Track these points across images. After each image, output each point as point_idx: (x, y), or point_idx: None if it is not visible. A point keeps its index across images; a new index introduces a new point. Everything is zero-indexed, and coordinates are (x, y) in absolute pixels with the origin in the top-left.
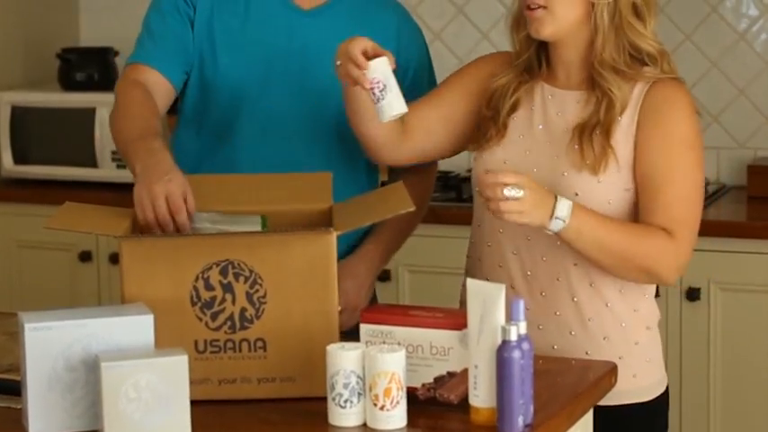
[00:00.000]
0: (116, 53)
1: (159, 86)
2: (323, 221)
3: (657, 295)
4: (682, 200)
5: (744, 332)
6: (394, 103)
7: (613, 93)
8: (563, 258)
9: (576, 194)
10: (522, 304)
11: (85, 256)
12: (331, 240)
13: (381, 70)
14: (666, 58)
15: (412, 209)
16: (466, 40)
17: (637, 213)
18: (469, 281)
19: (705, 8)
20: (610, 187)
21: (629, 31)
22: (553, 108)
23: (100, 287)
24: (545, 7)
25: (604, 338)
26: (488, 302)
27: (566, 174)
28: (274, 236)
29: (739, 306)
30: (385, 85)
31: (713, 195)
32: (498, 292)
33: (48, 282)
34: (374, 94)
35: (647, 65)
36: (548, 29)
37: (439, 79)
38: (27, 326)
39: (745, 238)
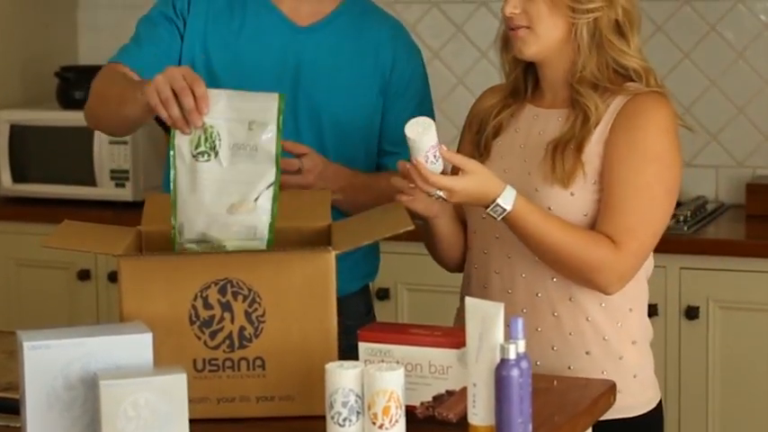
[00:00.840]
0: None
1: None
2: (322, 240)
3: (656, 314)
4: (634, 211)
5: (743, 351)
6: (440, 164)
7: (589, 108)
8: (542, 274)
9: (550, 208)
10: (520, 323)
11: (84, 275)
12: (330, 259)
13: (434, 135)
14: (652, 73)
15: (411, 227)
16: (465, 59)
17: None
18: (468, 299)
19: (704, 27)
20: (584, 200)
21: (611, 49)
22: (537, 128)
23: (98, 306)
24: (528, 27)
25: (587, 353)
26: (487, 321)
27: (538, 189)
28: (273, 254)
29: (738, 325)
30: (439, 148)
31: (712, 214)
32: (497, 311)
33: (46, 300)
34: (435, 156)
35: (633, 80)
36: (531, 48)
37: (435, 97)
38: (26, 344)
39: (744, 257)
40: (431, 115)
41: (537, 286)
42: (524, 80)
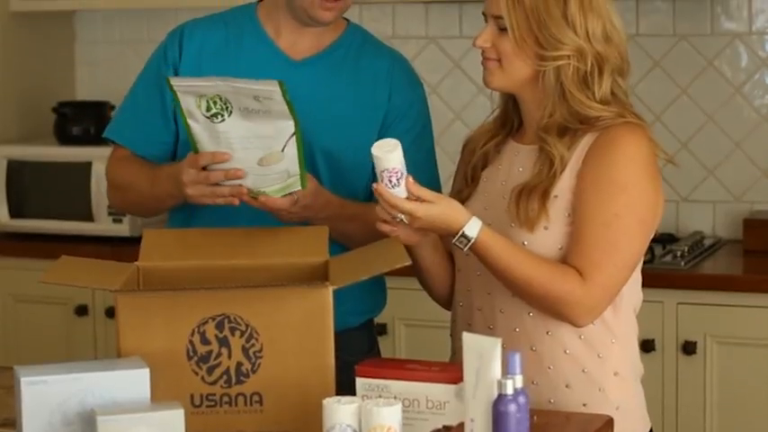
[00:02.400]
0: (112, 107)
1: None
2: (319, 275)
3: (653, 349)
4: (602, 243)
5: (740, 386)
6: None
7: (554, 156)
8: (519, 309)
9: (524, 244)
10: (518, 358)
11: (81, 311)
12: (327, 294)
13: (399, 159)
14: (625, 111)
15: (408, 262)
16: (462, 94)
17: None
18: (465, 334)
19: (701, 62)
20: (559, 234)
21: (572, 100)
22: (517, 165)
23: (96, 341)
24: (498, 60)
25: (566, 386)
26: (484, 356)
27: (513, 225)
28: (270, 290)
29: (736, 360)
30: (402, 173)
31: (709, 249)
32: (494, 346)
33: (44, 336)
34: (390, 181)
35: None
36: (496, 81)
37: (436, 130)
38: (23, 380)
39: (742, 292)
40: (430, 149)
41: (515, 321)
42: (513, 113)
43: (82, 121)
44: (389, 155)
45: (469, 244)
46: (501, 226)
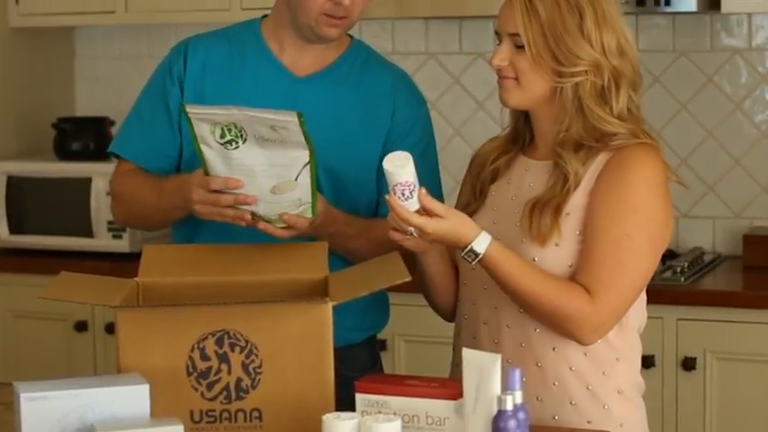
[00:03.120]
0: (112, 123)
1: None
2: (319, 291)
3: (653, 365)
4: (611, 263)
5: (740, 402)
6: (416, 201)
7: (569, 172)
8: (525, 325)
9: (534, 260)
10: (518, 373)
11: (81, 326)
12: (326, 310)
13: (411, 172)
14: (639, 130)
15: (408, 278)
16: (462, 110)
17: None
18: (465, 351)
19: (701, 78)
20: (568, 251)
21: (590, 116)
22: (527, 180)
23: (96, 357)
24: (515, 79)
25: (571, 403)
26: (484, 372)
27: (524, 241)
28: (270, 305)
29: (736, 376)
30: (414, 186)
31: (709, 265)
32: (494, 362)
33: (43, 351)
34: (403, 194)
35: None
36: (514, 99)
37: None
38: (23, 396)
39: (741, 308)
40: (435, 166)
41: (521, 337)
42: (524, 128)
43: (81, 136)
44: (401, 169)
45: (478, 259)
46: (511, 241)
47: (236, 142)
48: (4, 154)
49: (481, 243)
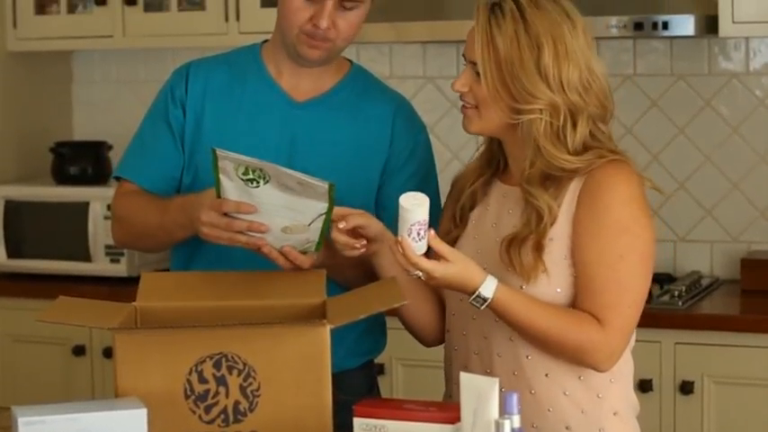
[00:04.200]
0: (110, 147)
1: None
2: (317, 315)
3: (650, 389)
4: (612, 286)
5: (738, 426)
6: (425, 244)
7: (542, 209)
8: (516, 353)
9: (522, 287)
10: (515, 398)
11: (79, 350)
12: (324, 333)
13: (427, 211)
14: (600, 152)
15: (406, 302)
16: (459, 134)
17: None
18: (462, 375)
19: (699, 102)
20: (556, 277)
21: (546, 154)
22: (506, 206)
23: (94, 381)
24: (476, 107)
25: (567, 428)
26: (482, 396)
27: (509, 269)
28: (268, 328)
29: (733, 400)
30: (428, 226)
31: (707, 289)
32: (491, 386)
33: (41, 376)
34: (419, 234)
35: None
36: (474, 126)
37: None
38: (21, 420)
39: (739, 332)
40: (435, 193)
41: (513, 365)
42: (498, 151)
43: (79, 161)
44: (419, 208)
45: (486, 304)
46: (496, 271)
47: (258, 182)
48: (1, 178)
49: (488, 288)
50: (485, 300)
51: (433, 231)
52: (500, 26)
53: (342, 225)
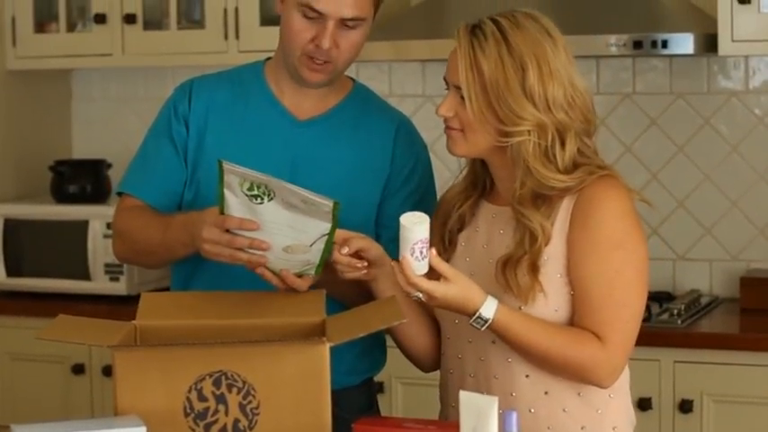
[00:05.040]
0: (109, 165)
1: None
2: (316, 333)
3: (650, 407)
4: (610, 302)
5: None
6: (426, 264)
7: (535, 229)
8: (513, 374)
9: (520, 308)
10: (515, 416)
11: (78, 369)
12: (324, 351)
13: (428, 229)
14: (589, 169)
15: (405, 320)
16: None
17: None
18: (462, 393)
19: (698, 120)
20: (554, 296)
21: (536, 174)
22: (496, 227)
23: (93, 400)
24: (461, 130)
25: None
26: (481, 415)
27: (506, 291)
28: (267, 346)
29: (733, 418)
30: (429, 245)
31: (706, 307)
32: (491, 405)
33: (41, 394)
34: (421, 253)
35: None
36: (460, 149)
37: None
38: None
39: (739, 351)
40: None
41: (510, 386)
42: (483, 172)
43: (79, 179)
44: (419, 226)
45: (486, 325)
46: (492, 292)
47: (262, 198)
48: (1, 197)
49: (489, 309)
50: (486, 321)
51: (434, 250)
52: (483, 49)
53: (344, 251)
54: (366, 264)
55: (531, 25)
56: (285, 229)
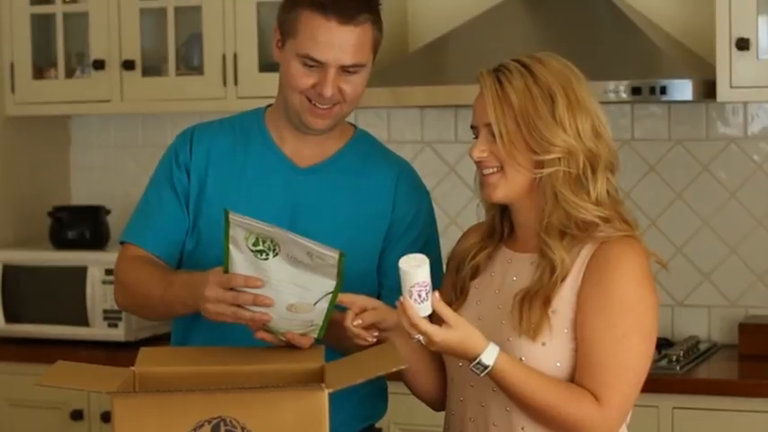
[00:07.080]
0: (108, 211)
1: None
2: (315, 380)
3: None
4: (613, 365)
5: None
6: (428, 306)
7: (555, 260)
8: (512, 423)
9: (522, 359)
10: None
11: (77, 415)
12: (323, 397)
13: (428, 273)
14: (619, 216)
15: (404, 366)
16: (457, 199)
17: None
18: None
19: (696, 167)
20: (556, 350)
21: (565, 203)
22: (511, 273)
23: None
24: (500, 169)
25: None
26: None
27: (510, 339)
28: (266, 392)
29: None
30: (430, 288)
31: (705, 353)
32: None
33: None
34: (419, 296)
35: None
36: (499, 193)
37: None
38: None
39: (737, 397)
40: (437, 259)
41: None
42: (501, 222)
43: (77, 225)
44: (418, 269)
45: (486, 371)
46: (496, 338)
47: (267, 254)
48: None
49: (490, 355)
50: (485, 367)
51: (437, 294)
52: (510, 82)
53: (357, 323)
54: (377, 333)
55: (553, 61)
56: (290, 286)
